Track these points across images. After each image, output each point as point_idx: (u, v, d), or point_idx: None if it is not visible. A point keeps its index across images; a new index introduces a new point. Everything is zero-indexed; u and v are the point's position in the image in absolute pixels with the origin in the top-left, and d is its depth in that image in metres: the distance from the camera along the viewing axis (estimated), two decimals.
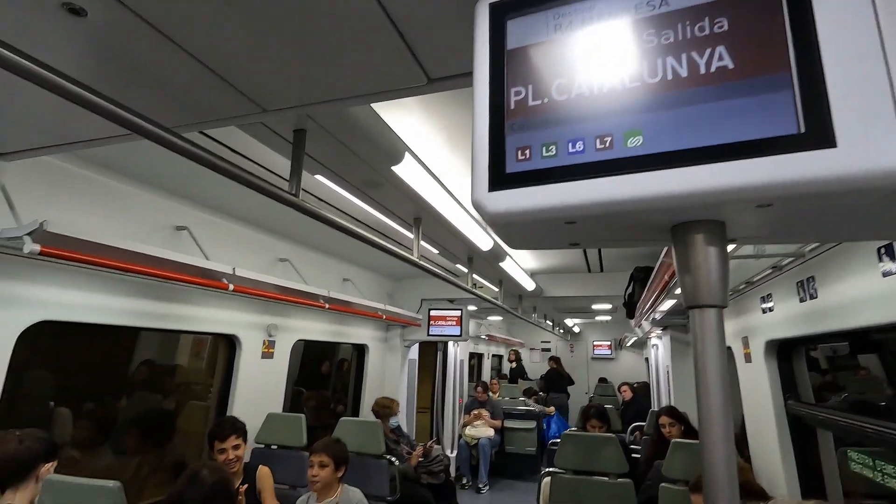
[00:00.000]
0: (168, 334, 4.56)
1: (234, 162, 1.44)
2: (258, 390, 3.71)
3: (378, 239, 2.18)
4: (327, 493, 2.66)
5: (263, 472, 2.96)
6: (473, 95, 0.72)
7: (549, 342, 13.14)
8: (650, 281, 3.60)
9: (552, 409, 8.46)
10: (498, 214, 0.67)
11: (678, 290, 2.93)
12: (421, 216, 2.59)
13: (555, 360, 11.10)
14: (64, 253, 1.96)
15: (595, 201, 0.61)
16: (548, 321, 8.92)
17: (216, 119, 1.43)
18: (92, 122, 1.52)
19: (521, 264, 4.68)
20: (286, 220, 3.54)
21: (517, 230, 0.71)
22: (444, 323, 5.82)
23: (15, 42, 0.91)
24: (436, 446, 4.76)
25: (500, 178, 0.68)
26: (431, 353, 7.62)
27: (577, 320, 11.20)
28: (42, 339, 2.95)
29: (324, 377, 6.25)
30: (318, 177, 2.05)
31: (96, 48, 1.15)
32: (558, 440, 3.05)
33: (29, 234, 1.84)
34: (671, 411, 3.74)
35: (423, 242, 2.83)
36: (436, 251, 3.48)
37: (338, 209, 2.67)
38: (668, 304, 3.74)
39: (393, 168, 1.95)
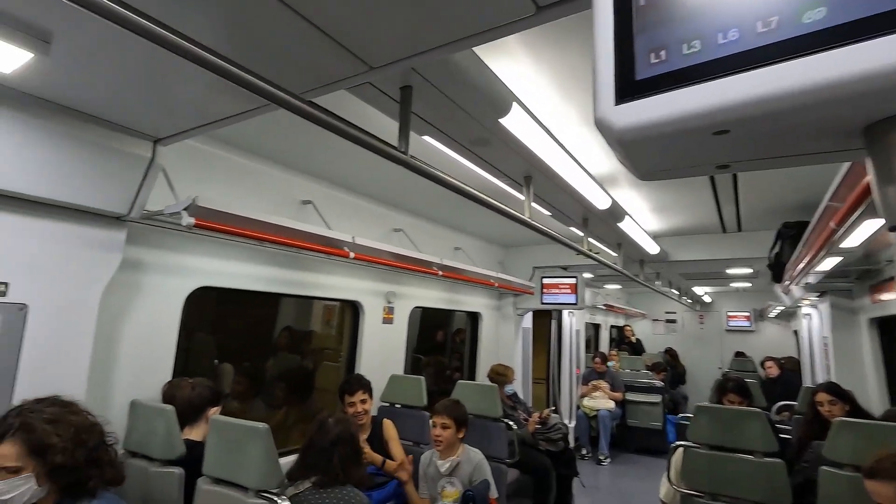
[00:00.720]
0: (302, 304, 5.05)
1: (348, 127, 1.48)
2: (381, 354, 3.96)
3: (489, 198, 2.13)
4: (449, 452, 2.76)
5: (387, 423, 3.18)
6: None
7: (675, 313, 12.14)
8: (805, 236, 3.08)
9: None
10: (627, 130, 0.57)
11: (849, 242, 2.46)
12: (531, 174, 2.48)
13: (671, 352, 10.31)
14: (213, 225, 2.22)
15: (758, 97, 0.49)
16: (673, 289, 8.22)
17: (327, 83, 1.47)
18: (231, 97, 1.66)
19: (642, 225, 4.32)
20: (399, 191, 3.65)
21: (650, 150, 0.61)
22: (557, 291, 5.65)
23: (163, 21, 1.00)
24: (553, 415, 4.69)
25: (630, 86, 0.58)
26: (546, 322, 7.49)
27: (707, 288, 10.17)
28: (206, 307, 3.43)
29: (439, 345, 6.48)
30: (426, 138, 2.05)
31: (224, 21, 1.24)
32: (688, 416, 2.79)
33: (185, 208, 2.11)
34: (831, 387, 3.22)
35: (534, 204, 2.72)
36: (548, 213, 3.34)
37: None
38: (829, 264, 3.18)
39: (501, 121, 1.87)
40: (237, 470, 1.83)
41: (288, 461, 1.90)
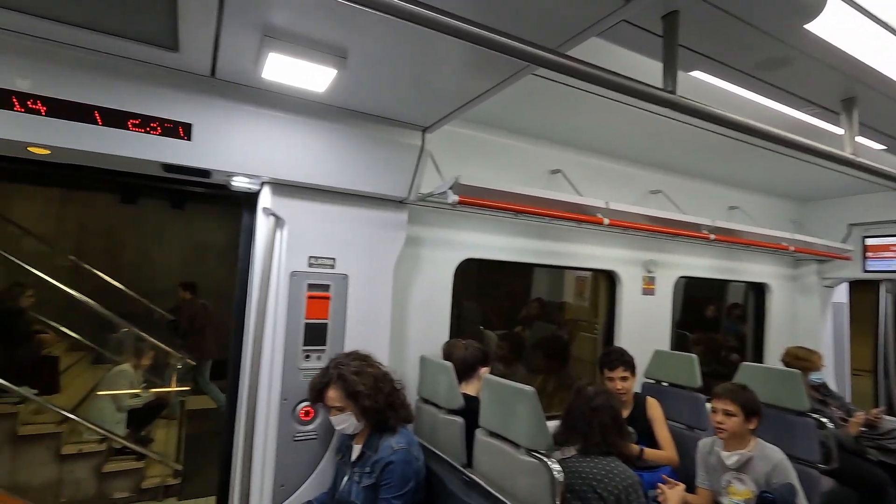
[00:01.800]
0: (554, 276, 5.10)
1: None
2: (641, 327, 3.67)
3: (790, 135, 1.66)
4: (737, 444, 2.35)
5: (652, 402, 2.93)
6: None
7: None
8: None
9: None
10: None
11: None
12: (855, 94, 1.84)
13: None
14: (474, 200, 2.39)
15: None
16: None
17: (580, 31, 1.36)
18: (486, 71, 1.74)
19: None
20: (656, 148, 3.27)
21: None
22: (890, 254, 4.21)
23: None
24: (887, 417, 3.54)
25: None
26: (870, 297, 5.69)
27: None
28: (470, 278, 3.80)
29: (710, 322, 5.66)
30: (695, 74, 1.72)
31: None
32: None
33: (450, 187, 2.32)
34: None
35: (859, 138, 2.01)
36: (881, 147, 2.45)
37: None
38: None
39: (808, 27, 1.41)
40: (509, 427, 1.95)
41: (550, 426, 1.93)
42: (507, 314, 4.81)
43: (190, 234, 8.68)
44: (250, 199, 2.32)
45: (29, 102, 1.66)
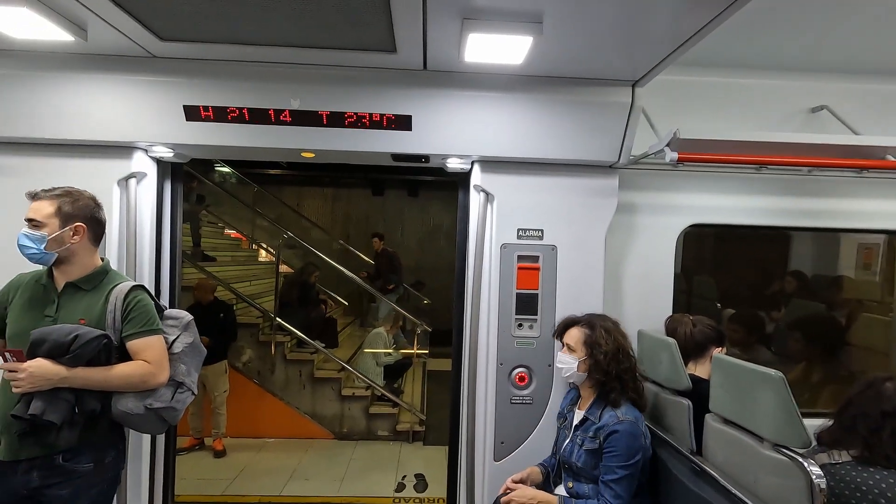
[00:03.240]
0: (824, 243, 4.06)
1: None
2: None
3: None
4: None
5: None
6: None
7: None
8: None
9: None
10: None
11: None
12: None
13: None
14: (698, 156, 2.08)
15: None
16: None
17: None
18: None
19: None
20: None
21: None
22: None
23: None
24: None
25: None
26: None
27: None
28: (704, 248, 3.33)
29: None
30: None
31: None
32: None
33: (667, 144, 2.07)
34: None
35: None
36: None
37: None
38: None
39: None
40: (749, 416, 1.67)
41: (811, 424, 1.56)
42: (755, 290, 4.07)
43: (423, 217, 9.93)
44: (464, 178, 2.51)
45: (297, 117, 2.13)
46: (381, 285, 7.48)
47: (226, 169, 7.64)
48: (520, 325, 2.36)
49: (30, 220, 1.62)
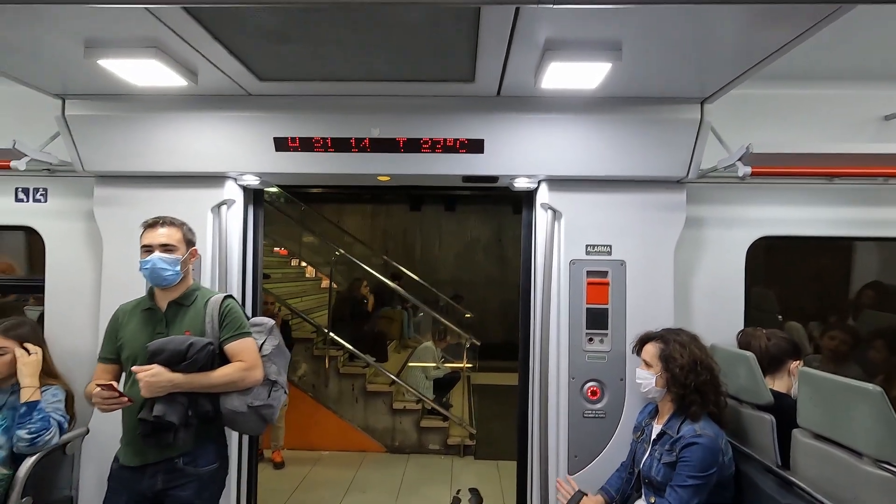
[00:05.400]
0: (890, 254, 3.92)
1: None
2: None
3: None
4: None
5: None
6: None
7: None
8: None
9: None
10: None
11: None
12: None
13: None
14: (772, 170, 2.09)
15: None
16: None
17: None
18: (773, 28, 1.54)
19: None
20: None
21: None
22: None
23: None
24: None
25: None
26: None
27: None
28: (759, 258, 3.27)
29: None
30: None
31: None
32: None
33: (739, 159, 2.09)
34: None
35: None
36: None
37: None
38: None
39: None
40: (844, 431, 1.65)
41: None
42: (816, 301, 3.95)
43: (460, 231, 10.04)
44: (529, 195, 2.58)
45: (376, 144, 2.26)
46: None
47: (274, 189, 7.93)
48: (590, 340, 2.40)
49: (164, 246, 1.80)
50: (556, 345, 2.41)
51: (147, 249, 1.81)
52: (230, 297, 1.96)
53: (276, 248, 7.73)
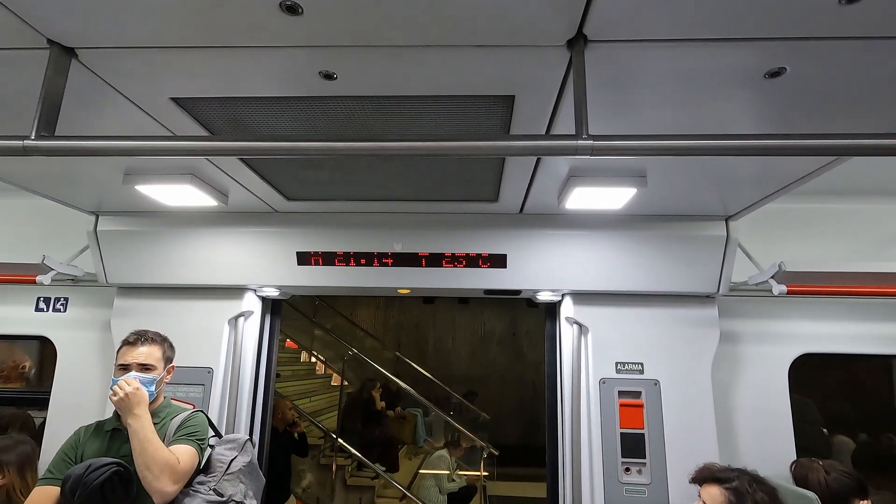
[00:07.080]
0: None
1: None
2: None
3: None
4: None
5: None
6: None
7: None
8: None
9: None
10: None
11: None
12: None
13: None
14: (809, 289, 2.01)
15: None
16: None
17: None
18: (798, 160, 1.55)
19: None
20: None
21: None
22: None
23: None
24: None
25: None
26: None
27: None
28: (798, 369, 3.08)
29: None
30: None
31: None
32: None
33: (773, 276, 2.02)
34: None
35: None
36: None
37: None
38: None
39: None
40: None
41: None
42: (858, 414, 3.65)
43: (474, 325, 9.84)
44: (552, 307, 2.50)
45: (398, 259, 2.24)
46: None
47: None
48: (627, 470, 2.18)
49: (142, 365, 1.69)
50: (589, 475, 2.18)
51: (123, 368, 1.69)
52: (201, 411, 1.82)
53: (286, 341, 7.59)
